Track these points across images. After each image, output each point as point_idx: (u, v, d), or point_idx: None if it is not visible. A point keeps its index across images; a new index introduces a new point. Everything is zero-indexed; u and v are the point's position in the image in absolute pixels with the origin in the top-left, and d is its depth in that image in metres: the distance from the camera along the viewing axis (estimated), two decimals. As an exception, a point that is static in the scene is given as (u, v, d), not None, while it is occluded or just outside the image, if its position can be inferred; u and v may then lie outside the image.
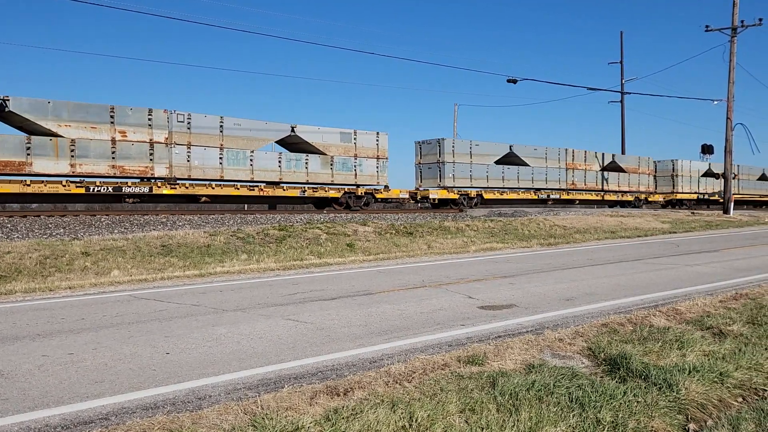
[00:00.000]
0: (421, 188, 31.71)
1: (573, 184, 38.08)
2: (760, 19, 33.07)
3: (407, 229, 19.73)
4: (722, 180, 36.93)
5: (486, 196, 32.66)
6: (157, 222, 18.13)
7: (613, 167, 41.30)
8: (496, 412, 4.56)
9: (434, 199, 30.94)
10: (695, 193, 46.59)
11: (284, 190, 25.63)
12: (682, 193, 45.54)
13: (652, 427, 4.57)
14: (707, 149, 45.83)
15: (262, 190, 24.94)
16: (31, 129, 20.23)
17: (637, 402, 4.81)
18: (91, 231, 16.15)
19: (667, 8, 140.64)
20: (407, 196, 30.77)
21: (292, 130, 25.77)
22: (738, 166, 47.97)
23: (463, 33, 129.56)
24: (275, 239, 16.60)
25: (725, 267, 13.39)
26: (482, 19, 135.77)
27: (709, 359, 5.93)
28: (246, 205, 26.55)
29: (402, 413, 4.45)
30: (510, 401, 4.71)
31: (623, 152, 47.11)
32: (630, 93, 50.20)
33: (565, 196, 37.63)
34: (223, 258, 14.24)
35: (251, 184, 24.85)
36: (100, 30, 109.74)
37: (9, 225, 16.00)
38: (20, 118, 19.77)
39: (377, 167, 28.28)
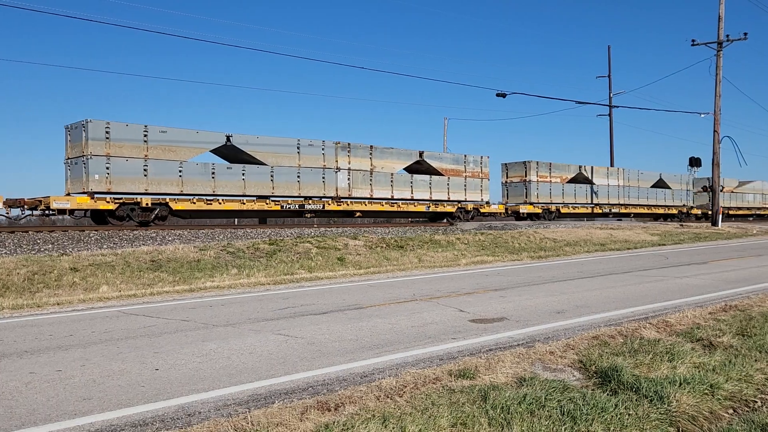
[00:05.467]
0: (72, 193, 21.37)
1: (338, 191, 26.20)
2: (745, 34, 33.55)
3: (398, 243, 19.73)
4: (710, 192, 37.21)
5: (176, 206, 22.23)
6: (146, 237, 18.03)
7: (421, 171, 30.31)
8: (488, 426, 4.55)
9: (63, 210, 20.48)
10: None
11: None
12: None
13: (644, 439, 4.57)
14: (695, 162, 46.02)
15: None
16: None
17: (629, 415, 4.81)
18: (79, 246, 16.04)
19: (653, 23, 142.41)
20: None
21: None
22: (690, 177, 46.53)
23: (451, 47, 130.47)
24: (265, 253, 16.55)
25: (714, 279, 13.46)
26: (470, 33, 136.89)
27: (699, 371, 5.94)
28: (236, 219, 25.17)
29: (393, 428, 4.43)
30: (501, 415, 4.70)
31: (611, 165, 47.25)
32: (618, 106, 50.43)
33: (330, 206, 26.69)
34: (213, 273, 14.17)
35: None
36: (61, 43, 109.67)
37: (-4, 241, 15.84)
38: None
39: None
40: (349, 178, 26.52)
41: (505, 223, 30.35)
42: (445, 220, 30.53)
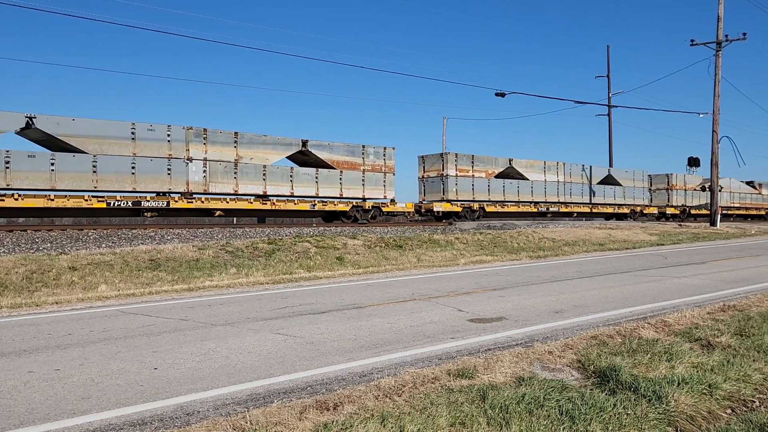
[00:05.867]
0: None
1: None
2: (744, 34, 33.60)
3: (397, 242, 19.74)
4: (708, 192, 37.23)
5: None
6: (145, 236, 18.02)
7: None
8: (487, 426, 4.55)
9: None
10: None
11: None
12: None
13: (642, 439, 4.57)
14: (694, 162, 46.02)
15: None
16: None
17: (627, 414, 4.82)
18: (78, 245, 16.02)
19: (653, 23, 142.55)
20: None
21: None
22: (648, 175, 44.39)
23: (451, 47, 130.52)
24: (264, 253, 16.55)
25: (713, 279, 13.47)
26: (470, 33, 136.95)
27: (697, 371, 5.95)
28: (234, 219, 24.01)
29: (392, 427, 4.43)
30: (500, 414, 4.70)
31: (611, 165, 47.16)
32: (617, 106, 50.53)
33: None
34: (212, 272, 14.17)
35: None
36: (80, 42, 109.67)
37: (-5, 239, 15.83)
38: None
39: None
40: (205, 170, 22.33)
41: (504, 222, 30.23)
42: (341, 220, 26.57)
